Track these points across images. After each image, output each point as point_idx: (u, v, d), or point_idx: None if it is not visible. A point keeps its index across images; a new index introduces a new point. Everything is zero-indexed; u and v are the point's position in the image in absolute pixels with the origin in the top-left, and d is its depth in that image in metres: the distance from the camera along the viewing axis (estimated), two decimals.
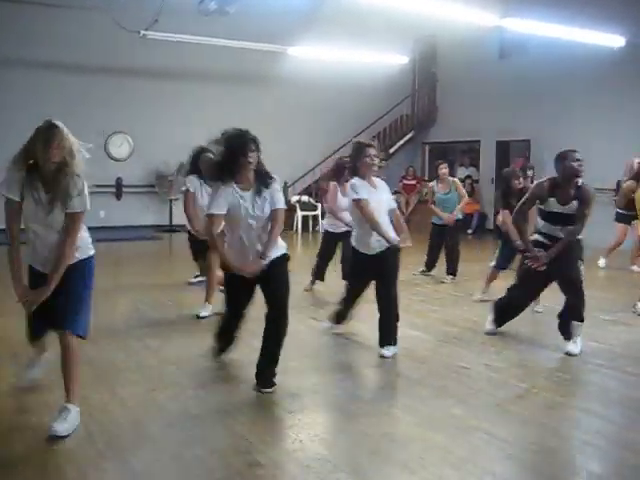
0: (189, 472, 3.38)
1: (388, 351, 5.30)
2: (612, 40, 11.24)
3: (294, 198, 15.26)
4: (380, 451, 3.64)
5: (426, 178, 17.41)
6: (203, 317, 6.49)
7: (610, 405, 4.48)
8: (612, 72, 12.41)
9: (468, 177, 15.43)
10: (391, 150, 16.83)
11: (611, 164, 12.63)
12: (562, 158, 5.33)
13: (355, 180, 5.29)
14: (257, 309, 4.79)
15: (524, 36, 12.53)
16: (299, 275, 6.85)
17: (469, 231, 14.73)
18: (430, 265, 9.25)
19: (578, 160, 5.27)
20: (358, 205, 5.22)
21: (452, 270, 8.92)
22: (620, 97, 12.60)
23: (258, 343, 4.70)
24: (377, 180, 5.47)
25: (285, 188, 15.50)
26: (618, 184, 12.62)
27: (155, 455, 3.57)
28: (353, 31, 13.94)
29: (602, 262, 10.39)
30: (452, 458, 3.57)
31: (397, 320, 5.42)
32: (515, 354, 5.59)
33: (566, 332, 5.60)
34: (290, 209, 15.19)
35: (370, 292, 5.52)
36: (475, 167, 16.29)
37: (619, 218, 10.19)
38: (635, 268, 10.04)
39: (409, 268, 8.86)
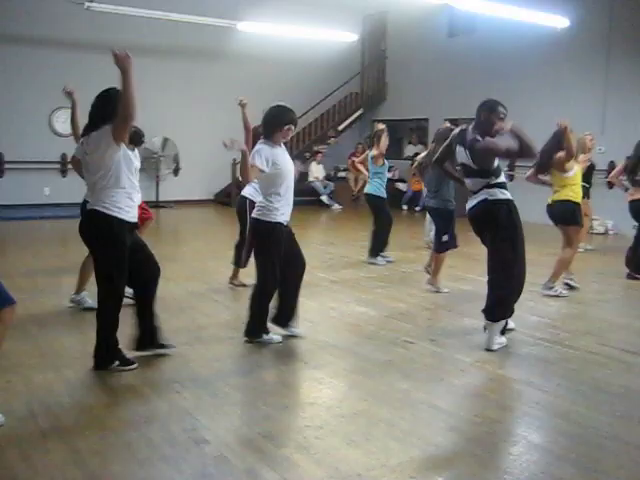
0: (134, 451, 3.37)
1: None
2: (557, 21, 11.42)
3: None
4: (326, 426, 3.68)
5: None
6: None
7: (549, 377, 4.61)
8: (557, 52, 12.61)
9: (416, 154, 15.53)
10: (340, 127, 16.84)
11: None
12: None
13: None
14: None
15: (472, 15, 12.65)
16: None
17: (417, 208, 14.86)
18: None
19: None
20: None
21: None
22: (564, 76, 12.82)
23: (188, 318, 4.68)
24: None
25: (233, 165, 15.42)
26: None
27: (100, 434, 3.55)
28: (303, 7, 13.84)
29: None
30: (396, 431, 3.64)
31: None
32: (460, 329, 5.70)
33: None
34: (238, 186, 15.12)
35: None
36: (423, 145, 16.42)
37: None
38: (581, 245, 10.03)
39: (355, 245, 8.92)
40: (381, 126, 8.71)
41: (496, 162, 5.14)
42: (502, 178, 5.19)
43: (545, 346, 5.28)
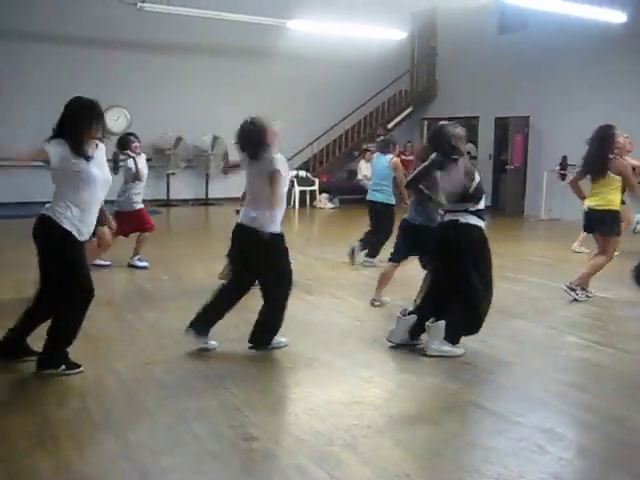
0: (184, 445, 3.41)
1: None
2: (613, 16, 11.14)
3: (292, 173, 15.22)
4: (374, 425, 3.66)
5: None
6: None
7: (602, 381, 4.51)
8: (612, 48, 12.33)
9: (467, 153, 15.38)
10: (389, 125, 16.77)
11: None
12: None
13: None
14: None
15: (524, 11, 12.44)
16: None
17: None
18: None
19: None
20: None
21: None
22: (620, 75, 12.52)
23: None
24: None
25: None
26: None
27: (150, 428, 3.60)
28: (353, 5, 13.80)
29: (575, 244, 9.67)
30: (444, 432, 3.60)
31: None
32: (509, 331, 5.61)
33: None
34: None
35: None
36: (473, 143, 16.24)
37: None
38: (580, 248, 9.66)
39: None
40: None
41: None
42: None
43: (598, 349, 5.16)
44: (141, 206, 7.74)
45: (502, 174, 15.32)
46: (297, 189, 14.98)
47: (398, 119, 17.08)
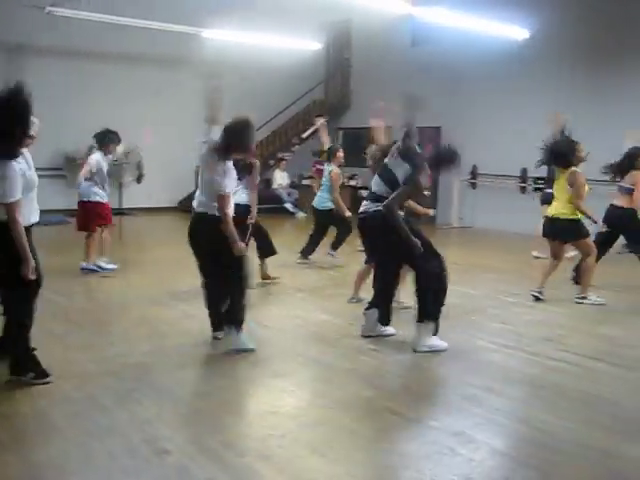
0: (95, 463, 3.31)
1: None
2: (517, 32, 11.60)
3: None
4: (290, 435, 3.66)
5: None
6: None
7: (511, 383, 4.66)
8: (516, 63, 12.83)
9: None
10: (304, 135, 16.84)
11: (515, 151, 13.08)
12: None
13: None
14: None
15: (435, 25, 12.77)
16: None
17: None
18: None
19: None
20: None
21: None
22: (524, 87, 13.02)
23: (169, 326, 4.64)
24: None
25: (197, 171, 15.33)
26: (524, 172, 13.11)
27: (60, 446, 3.48)
28: (268, 15, 13.84)
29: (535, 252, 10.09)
30: (360, 440, 3.64)
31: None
32: None
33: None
34: None
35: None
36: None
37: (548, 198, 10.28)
38: (539, 254, 10.14)
39: (319, 252, 8.94)
40: (322, 120, 8.80)
41: None
42: None
43: (507, 353, 5.33)
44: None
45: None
46: None
47: (313, 129, 17.15)
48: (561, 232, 7.02)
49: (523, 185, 13.29)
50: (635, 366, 5.09)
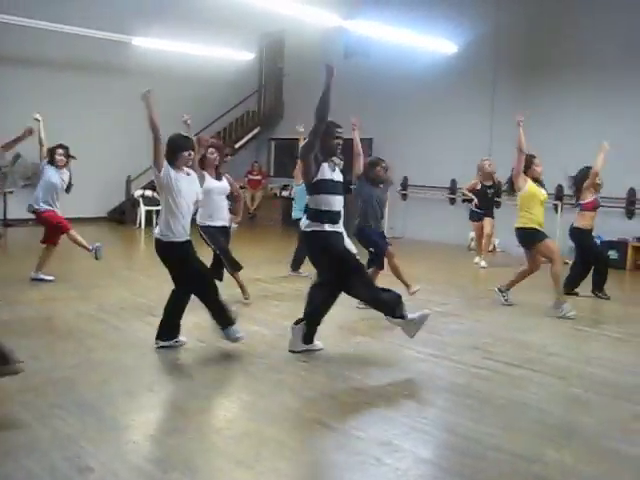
0: None
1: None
2: (445, 46, 11.86)
3: (137, 192, 14.86)
4: (216, 448, 3.63)
5: (271, 174, 17.57)
6: None
7: (437, 392, 4.74)
8: (445, 76, 13.12)
9: None
10: (237, 145, 16.81)
11: (445, 163, 13.37)
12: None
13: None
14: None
15: (367, 38, 12.95)
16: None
17: None
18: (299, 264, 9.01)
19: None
20: None
21: None
22: (454, 100, 13.32)
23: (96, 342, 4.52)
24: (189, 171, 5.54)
25: (128, 182, 15.11)
26: (454, 183, 13.38)
27: None
28: (200, 24, 13.78)
29: (483, 262, 10.55)
30: (286, 451, 3.63)
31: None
32: (352, 347, 5.78)
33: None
34: (133, 204, 14.81)
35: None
36: None
37: (474, 216, 10.61)
38: (481, 263, 10.47)
39: (251, 263, 8.91)
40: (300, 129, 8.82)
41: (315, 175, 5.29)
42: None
43: (433, 362, 5.41)
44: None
45: (347, 194, 15.71)
46: (143, 209, 14.61)
47: (246, 139, 17.16)
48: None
49: (452, 197, 13.57)
50: (560, 373, 5.23)
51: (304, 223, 5.36)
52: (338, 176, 5.42)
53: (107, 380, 4.67)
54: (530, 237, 7.31)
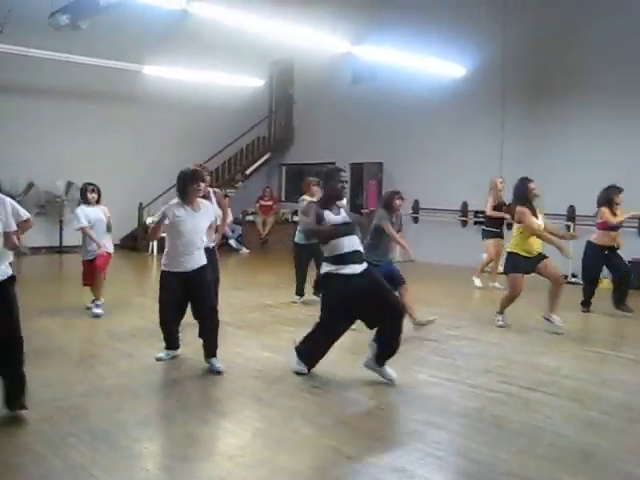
0: None
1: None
2: (454, 70, 11.93)
3: (149, 220, 14.93)
4: (228, 476, 3.61)
5: (283, 199, 17.64)
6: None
7: (450, 416, 4.70)
8: (455, 99, 13.17)
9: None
10: (248, 171, 16.92)
11: (456, 186, 13.38)
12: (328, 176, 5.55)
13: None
14: None
15: (375, 63, 13.06)
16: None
17: None
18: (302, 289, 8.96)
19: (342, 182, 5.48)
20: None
21: None
22: (463, 122, 13.37)
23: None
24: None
25: (140, 209, 15.21)
26: (465, 205, 13.39)
27: None
28: (210, 52, 13.94)
29: (477, 281, 10.58)
30: (300, 479, 3.61)
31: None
32: (364, 372, 5.74)
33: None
34: (145, 231, 14.88)
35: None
36: None
37: (487, 235, 10.59)
38: (497, 285, 10.39)
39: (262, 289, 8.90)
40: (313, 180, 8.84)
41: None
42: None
43: (447, 386, 5.38)
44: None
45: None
46: None
47: (256, 165, 17.27)
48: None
49: (464, 219, 13.55)
50: (574, 396, 5.19)
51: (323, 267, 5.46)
52: (344, 217, 5.48)
53: (119, 408, 4.67)
54: (508, 262, 7.48)
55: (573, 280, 10.55)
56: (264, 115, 17.80)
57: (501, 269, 11.55)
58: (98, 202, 8.04)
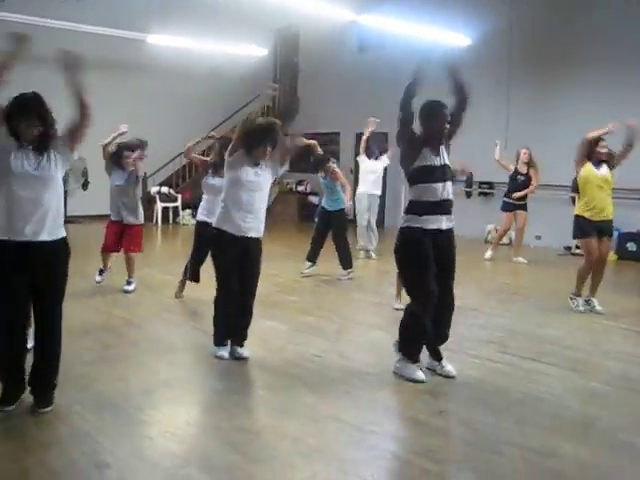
0: (32, 478, 3.25)
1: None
2: (459, 39, 11.78)
3: (154, 189, 14.94)
4: (232, 443, 3.66)
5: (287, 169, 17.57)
6: None
7: (452, 386, 4.73)
8: (462, 69, 13.00)
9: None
10: None
11: (461, 156, 13.24)
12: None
13: None
14: None
15: (381, 32, 12.91)
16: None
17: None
18: (315, 257, 8.80)
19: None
20: None
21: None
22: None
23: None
24: None
25: (144, 179, 15.16)
26: (470, 176, 13.34)
27: None
28: (214, 20, 13.79)
29: (488, 254, 10.54)
30: (302, 446, 3.65)
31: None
32: (367, 341, 5.78)
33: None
34: (150, 201, 14.89)
35: None
36: (335, 158, 16.58)
37: (505, 207, 10.55)
38: (520, 259, 10.35)
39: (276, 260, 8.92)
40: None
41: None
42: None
43: (448, 356, 5.39)
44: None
45: None
46: (159, 205, 14.71)
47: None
48: None
49: (469, 190, 13.51)
50: (577, 367, 5.21)
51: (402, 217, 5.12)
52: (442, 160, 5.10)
53: (124, 377, 4.71)
54: (574, 228, 7.14)
55: (577, 252, 10.54)
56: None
57: (507, 240, 11.62)
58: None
